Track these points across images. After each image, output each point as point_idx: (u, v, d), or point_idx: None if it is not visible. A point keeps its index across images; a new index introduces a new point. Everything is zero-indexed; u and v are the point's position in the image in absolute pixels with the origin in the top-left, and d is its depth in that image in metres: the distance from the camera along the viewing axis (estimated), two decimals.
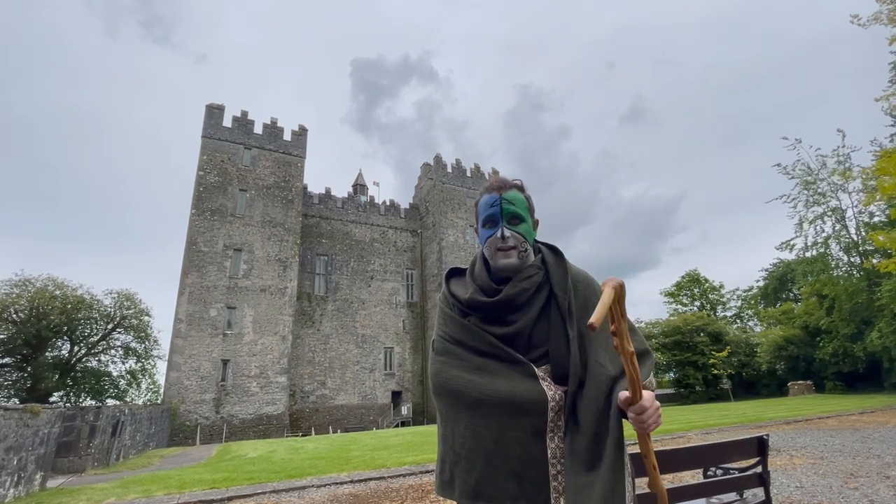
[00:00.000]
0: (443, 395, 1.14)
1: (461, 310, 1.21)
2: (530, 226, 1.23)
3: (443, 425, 1.17)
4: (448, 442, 1.13)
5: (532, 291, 1.16)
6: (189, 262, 27.74)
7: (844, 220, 25.52)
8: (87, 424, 11.86)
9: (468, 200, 39.89)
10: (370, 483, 6.85)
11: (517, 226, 1.20)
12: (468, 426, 1.08)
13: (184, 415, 25.11)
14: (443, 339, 1.21)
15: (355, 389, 33.51)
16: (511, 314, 1.15)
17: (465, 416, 1.09)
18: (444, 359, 1.17)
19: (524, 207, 1.22)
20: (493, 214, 1.21)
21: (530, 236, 1.22)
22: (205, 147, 30.56)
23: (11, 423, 7.28)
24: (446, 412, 1.15)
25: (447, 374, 1.14)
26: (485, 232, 1.23)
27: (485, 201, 1.24)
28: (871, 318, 23.41)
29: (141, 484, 7.95)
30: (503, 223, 1.19)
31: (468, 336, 1.16)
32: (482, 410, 1.07)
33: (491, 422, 1.06)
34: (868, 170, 19.38)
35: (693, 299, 49.01)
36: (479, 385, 1.08)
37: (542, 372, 1.09)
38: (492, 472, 1.04)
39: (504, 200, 1.20)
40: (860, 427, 10.07)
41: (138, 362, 32.91)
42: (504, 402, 1.05)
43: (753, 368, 33.61)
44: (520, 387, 1.06)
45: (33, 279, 27.33)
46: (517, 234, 1.19)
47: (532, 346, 1.13)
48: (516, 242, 1.18)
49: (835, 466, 6.01)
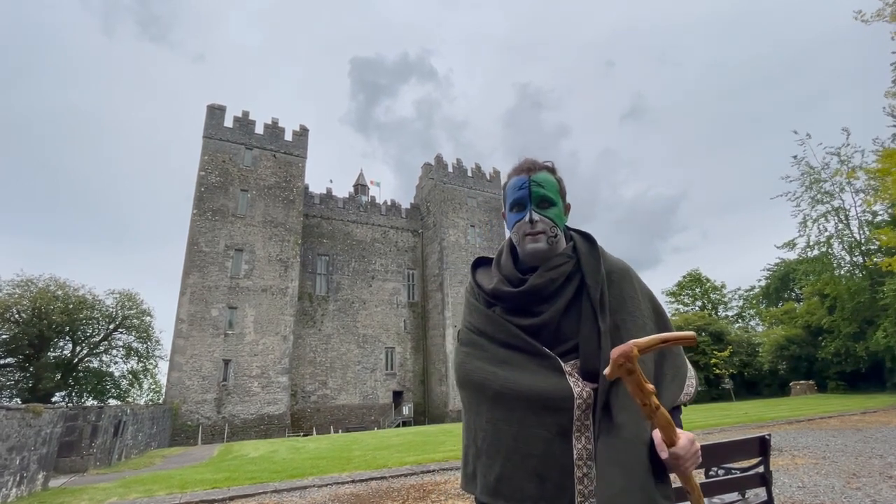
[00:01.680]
0: (465, 385, 1.11)
1: (486, 300, 1.16)
2: (561, 210, 1.17)
3: (466, 417, 1.14)
4: (471, 435, 1.10)
5: (561, 281, 1.09)
6: (190, 262, 27.79)
7: (847, 220, 25.48)
8: (88, 424, 11.89)
9: (469, 200, 39.90)
10: (371, 483, 6.86)
11: (547, 210, 1.14)
12: (489, 420, 1.04)
13: (185, 415, 25.16)
14: (468, 330, 1.17)
15: (356, 389, 33.53)
16: (538, 305, 1.09)
17: (486, 408, 1.05)
18: (468, 349, 1.13)
19: (555, 191, 1.15)
20: (521, 197, 1.15)
21: (561, 221, 1.16)
22: (206, 147, 30.62)
23: (14, 422, 7.30)
24: (469, 404, 1.12)
25: (470, 366, 1.10)
26: (512, 216, 1.17)
27: (513, 184, 1.17)
28: (873, 318, 23.35)
29: (143, 484, 7.96)
30: (532, 206, 1.13)
31: (492, 327, 1.11)
32: (503, 404, 1.02)
33: (512, 417, 1.01)
34: (871, 169, 19.35)
35: (695, 299, 48.96)
36: (501, 377, 1.03)
37: (569, 367, 1.02)
38: (511, 470, 0.99)
39: (533, 182, 1.14)
40: (862, 427, 10.04)
41: (140, 362, 33.03)
42: (526, 396, 1.00)
43: (755, 368, 33.56)
44: (544, 381, 1.00)
45: (35, 279, 27.45)
46: (546, 219, 1.13)
47: (560, 340, 1.06)
48: (545, 227, 1.12)
49: (837, 466, 5.99)
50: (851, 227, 25.50)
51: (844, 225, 25.51)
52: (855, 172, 23.08)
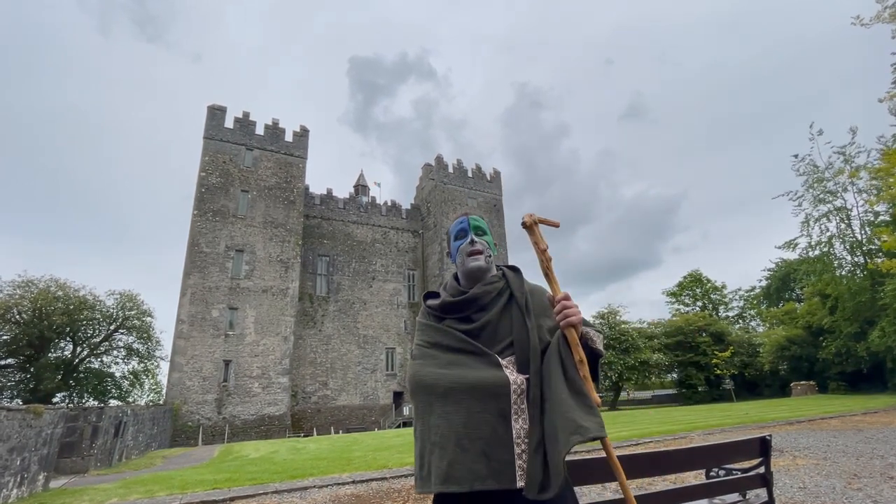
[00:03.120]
0: (417, 391, 1.25)
1: (436, 315, 1.39)
2: (492, 241, 1.51)
3: (419, 423, 1.25)
4: (425, 435, 1.20)
5: (494, 294, 1.36)
6: (191, 262, 27.81)
7: (849, 219, 25.44)
8: (89, 425, 11.89)
9: (470, 201, 39.92)
10: (372, 483, 6.85)
11: (482, 236, 1.47)
12: (441, 414, 1.17)
13: (186, 415, 25.16)
14: (420, 346, 1.36)
15: (357, 390, 33.53)
16: (477, 313, 1.34)
17: (437, 406, 1.18)
18: (420, 361, 1.30)
19: (486, 227, 1.52)
20: (463, 228, 1.48)
21: (493, 247, 1.49)
22: (206, 148, 30.64)
23: (14, 423, 7.31)
24: (422, 408, 1.23)
25: (421, 373, 1.25)
26: (456, 244, 1.48)
27: (454, 224, 1.51)
28: (874, 318, 23.31)
29: (143, 484, 7.96)
30: (471, 233, 1.46)
31: (441, 336, 1.32)
32: (452, 398, 1.17)
33: (461, 407, 1.15)
34: (873, 169, 19.33)
35: (695, 299, 48.95)
36: (450, 376, 1.20)
37: (505, 361, 1.23)
38: (462, 455, 1.11)
39: (471, 218, 1.50)
40: (863, 428, 10.02)
41: (141, 363, 32.99)
42: (471, 387, 1.17)
43: (756, 369, 33.52)
44: (486, 374, 1.19)
45: (36, 280, 27.42)
46: (483, 242, 1.45)
47: (497, 340, 1.28)
48: (483, 248, 1.43)
49: (838, 467, 5.98)
50: (853, 226, 25.48)
51: (846, 225, 25.48)
52: (858, 172, 23.06)
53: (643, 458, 2.48)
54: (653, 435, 10.22)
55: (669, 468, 2.69)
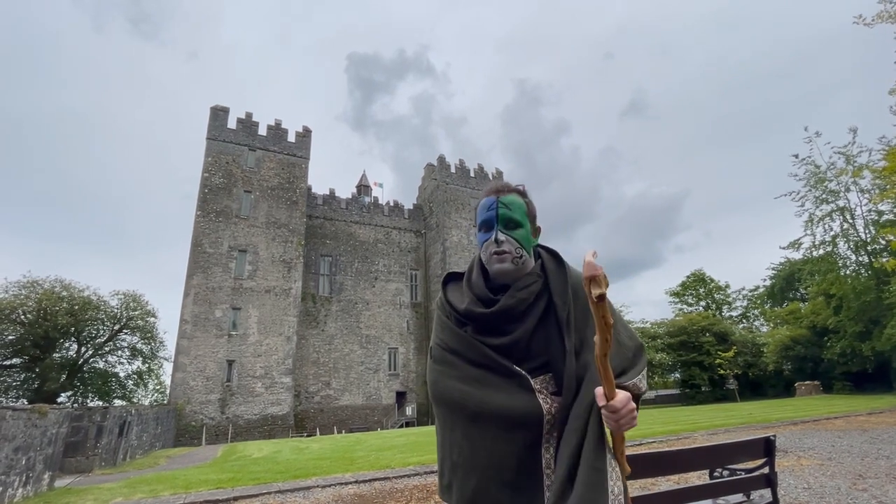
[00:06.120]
0: (441, 403, 1.15)
1: (458, 319, 1.19)
2: (528, 232, 1.19)
3: (441, 431, 1.18)
4: (446, 448, 1.15)
5: (530, 301, 1.14)
6: (194, 263, 27.90)
7: (853, 219, 25.29)
8: (94, 425, 11.96)
9: (472, 201, 39.89)
10: (375, 483, 6.86)
11: (513, 231, 1.17)
12: (465, 436, 1.09)
13: (189, 415, 25.25)
14: (440, 348, 1.21)
15: (360, 390, 33.56)
16: (508, 324, 1.13)
17: (461, 426, 1.10)
18: (441, 368, 1.17)
19: (522, 213, 1.19)
20: (489, 218, 1.19)
21: (528, 243, 1.18)
22: (209, 149, 30.73)
23: (20, 423, 7.35)
24: (444, 419, 1.16)
25: (444, 384, 1.14)
26: (481, 236, 1.21)
27: (483, 204, 1.22)
28: (879, 318, 23.17)
29: (147, 484, 8.00)
30: (498, 227, 1.17)
31: (464, 347, 1.15)
32: (479, 423, 1.07)
33: (487, 434, 1.06)
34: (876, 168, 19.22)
35: (698, 299, 48.78)
36: (476, 397, 1.08)
37: (538, 384, 1.08)
38: (487, 484, 1.04)
39: (501, 204, 1.18)
40: (869, 428, 9.96)
41: (144, 363, 33.12)
42: (499, 415, 1.05)
43: (760, 369, 33.37)
44: (515, 400, 1.06)
45: (41, 281, 27.56)
46: (512, 240, 1.16)
47: (531, 356, 1.11)
48: (511, 248, 1.15)
49: (843, 468, 5.95)
50: (857, 226, 25.33)
51: (850, 224, 25.33)
52: (861, 172, 22.92)
53: (646, 458, 2.47)
54: (656, 435, 10.19)
55: (673, 468, 2.68)
